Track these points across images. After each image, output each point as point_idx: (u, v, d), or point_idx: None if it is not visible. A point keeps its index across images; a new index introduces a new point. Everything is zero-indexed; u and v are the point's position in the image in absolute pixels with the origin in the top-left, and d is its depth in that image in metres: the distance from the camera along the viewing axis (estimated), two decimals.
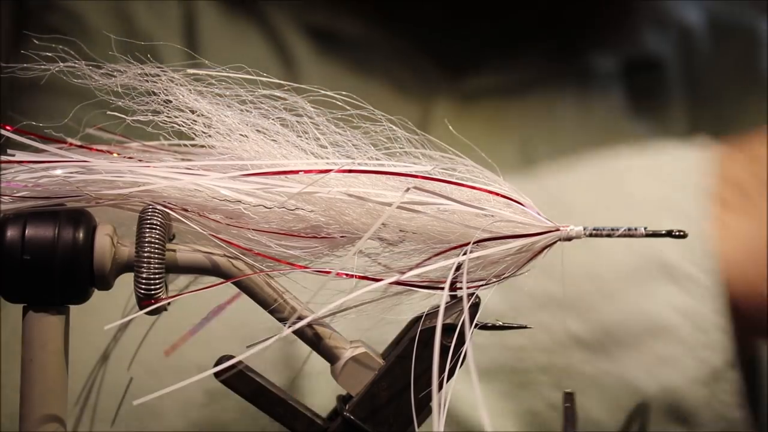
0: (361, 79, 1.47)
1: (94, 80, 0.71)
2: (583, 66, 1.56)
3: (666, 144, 1.21)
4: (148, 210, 0.68)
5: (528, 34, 1.52)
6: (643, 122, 1.56)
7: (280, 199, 0.69)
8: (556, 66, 1.54)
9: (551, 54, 1.53)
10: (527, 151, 1.48)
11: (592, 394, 1.07)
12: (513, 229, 0.70)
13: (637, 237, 0.72)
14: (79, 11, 1.43)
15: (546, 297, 1.07)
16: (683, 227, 0.73)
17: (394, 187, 0.70)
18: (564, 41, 1.55)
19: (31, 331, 0.68)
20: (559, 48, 1.54)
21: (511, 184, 0.72)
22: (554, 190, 1.17)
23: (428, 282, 0.70)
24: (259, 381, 0.70)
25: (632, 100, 1.57)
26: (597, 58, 1.56)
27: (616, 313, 1.07)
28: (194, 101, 0.71)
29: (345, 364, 0.70)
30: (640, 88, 1.57)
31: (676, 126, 1.57)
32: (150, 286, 0.67)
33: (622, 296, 1.07)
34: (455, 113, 1.47)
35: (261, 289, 0.69)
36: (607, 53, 1.56)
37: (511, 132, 1.49)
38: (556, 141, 1.50)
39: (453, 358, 0.69)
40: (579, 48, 1.56)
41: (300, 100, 0.72)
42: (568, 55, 1.55)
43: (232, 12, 1.48)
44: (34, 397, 0.68)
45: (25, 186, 0.69)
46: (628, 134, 1.53)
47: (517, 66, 1.51)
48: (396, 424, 0.70)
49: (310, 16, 1.49)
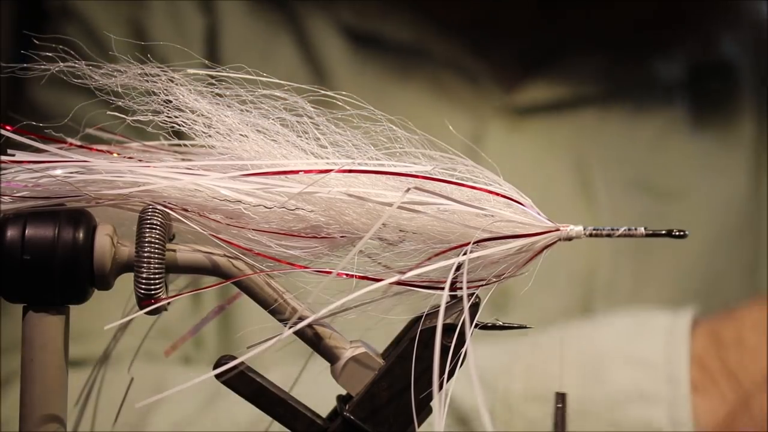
0: (406, 89, 1.43)
1: (94, 80, 0.71)
2: (644, 75, 1.51)
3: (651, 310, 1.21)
4: (148, 210, 0.68)
5: (583, 42, 1.47)
6: (707, 136, 1.51)
7: (280, 199, 0.69)
8: (613, 76, 1.49)
9: (608, 63, 1.48)
10: (582, 170, 1.46)
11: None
12: (513, 229, 0.70)
13: (637, 237, 0.72)
14: (95, 23, 1.42)
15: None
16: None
17: (394, 187, 0.70)
18: (623, 49, 1.49)
19: (31, 331, 0.68)
20: (617, 56, 1.48)
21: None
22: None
23: (428, 282, 0.70)
24: (259, 381, 0.70)
25: (697, 110, 1.52)
26: (660, 65, 1.51)
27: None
28: (194, 101, 0.71)
29: (345, 364, 0.70)
30: (708, 96, 1.52)
31: (741, 142, 1.52)
32: (150, 286, 0.67)
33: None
34: (508, 128, 1.44)
35: (261, 289, 0.69)
36: (673, 59, 1.51)
37: (564, 149, 1.46)
38: (611, 159, 1.47)
39: (453, 358, 0.69)
40: (640, 55, 1.50)
41: (300, 100, 0.72)
42: (627, 64, 1.49)
43: (259, 20, 1.45)
44: (34, 397, 0.68)
45: (25, 186, 0.69)
46: (689, 151, 1.50)
47: (568, 78, 1.47)
48: (396, 424, 0.70)
49: (349, 17, 1.44)
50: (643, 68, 1.51)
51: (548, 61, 1.47)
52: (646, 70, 1.51)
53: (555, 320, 1.36)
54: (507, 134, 1.44)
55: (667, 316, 1.19)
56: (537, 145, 1.46)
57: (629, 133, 1.49)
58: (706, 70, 1.53)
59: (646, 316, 1.20)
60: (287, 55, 1.44)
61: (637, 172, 1.49)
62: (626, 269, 1.45)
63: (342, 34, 1.44)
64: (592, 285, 1.43)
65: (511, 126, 1.45)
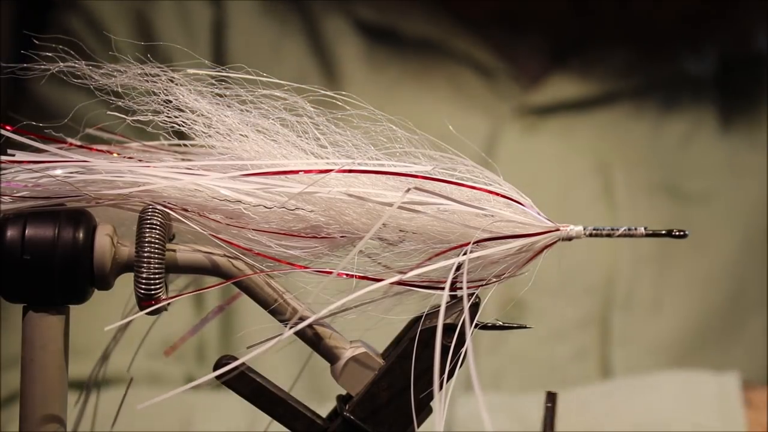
0: (422, 87, 1.40)
1: (94, 80, 0.71)
2: (675, 70, 1.46)
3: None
4: (148, 210, 0.68)
5: (607, 37, 1.42)
6: (736, 135, 1.47)
7: (280, 199, 0.69)
8: (643, 70, 1.44)
9: (638, 56, 1.44)
10: (604, 172, 1.42)
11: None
12: (513, 229, 0.70)
13: (637, 237, 0.72)
14: (100, 16, 1.40)
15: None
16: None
17: (394, 187, 0.70)
18: (654, 42, 1.44)
19: (31, 331, 0.68)
20: (648, 49, 1.44)
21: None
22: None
23: (428, 282, 0.70)
24: (259, 381, 0.70)
25: (727, 107, 1.47)
26: (692, 59, 1.46)
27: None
28: (194, 101, 0.71)
29: (345, 364, 0.70)
30: (739, 92, 1.48)
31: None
32: (150, 286, 0.67)
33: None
34: (526, 127, 1.41)
35: (261, 289, 0.69)
36: (705, 52, 1.46)
37: (586, 151, 1.43)
38: (636, 160, 1.43)
39: (453, 358, 0.69)
40: (672, 48, 1.45)
41: (300, 100, 0.72)
42: (658, 58, 1.45)
43: (270, 14, 1.42)
44: (34, 397, 0.68)
45: (25, 186, 0.69)
46: (717, 152, 1.46)
47: (594, 74, 1.43)
48: (396, 424, 0.70)
49: (366, 12, 1.41)
50: (674, 62, 1.46)
51: (575, 54, 1.43)
52: (678, 65, 1.46)
53: (570, 332, 1.35)
54: (525, 134, 1.41)
55: (716, 381, 1.17)
56: (556, 147, 1.42)
57: (656, 132, 1.45)
58: (739, 63, 1.49)
59: (693, 380, 1.18)
60: (297, 51, 1.41)
61: (662, 174, 1.45)
62: (646, 278, 1.41)
63: (357, 30, 1.42)
64: (611, 294, 1.39)
65: (530, 126, 1.41)
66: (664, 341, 1.40)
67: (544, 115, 1.43)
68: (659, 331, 1.41)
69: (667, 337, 1.41)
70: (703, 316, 1.42)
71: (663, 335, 1.41)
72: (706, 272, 1.44)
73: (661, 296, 1.42)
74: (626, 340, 1.38)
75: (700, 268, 1.44)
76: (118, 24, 1.39)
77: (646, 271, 1.41)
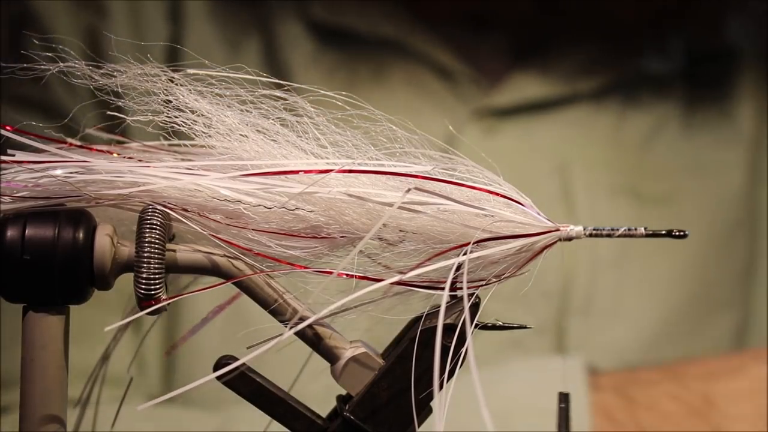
0: (379, 89, 1.39)
1: (94, 80, 0.71)
2: (640, 65, 1.45)
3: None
4: (148, 210, 0.68)
5: (569, 36, 1.41)
6: (701, 132, 1.45)
7: (280, 199, 0.69)
8: (606, 68, 1.42)
9: (602, 53, 1.42)
10: (563, 175, 1.41)
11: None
12: (513, 229, 0.70)
13: (637, 237, 0.72)
14: (53, 29, 1.36)
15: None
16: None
17: (394, 187, 0.70)
18: (613, 41, 1.42)
19: (31, 331, 0.68)
20: (607, 50, 1.42)
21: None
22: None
23: (428, 282, 0.70)
24: (259, 381, 0.70)
25: (692, 104, 1.46)
26: (657, 53, 1.44)
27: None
28: (194, 101, 0.71)
29: (345, 364, 0.70)
30: (705, 87, 1.46)
31: (738, 138, 1.46)
32: (150, 287, 0.67)
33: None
34: (484, 129, 1.40)
35: (261, 289, 0.69)
36: (671, 47, 1.45)
37: (545, 153, 1.41)
38: (597, 162, 1.41)
39: (453, 359, 0.69)
40: (637, 44, 1.43)
41: (300, 100, 0.72)
42: (622, 54, 1.42)
43: (225, 22, 1.40)
44: (34, 397, 0.68)
45: (25, 186, 0.69)
46: (681, 151, 1.44)
47: (556, 74, 1.41)
48: (396, 424, 0.70)
49: (320, 12, 1.39)
50: (638, 60, 1.45)
51: (537, 54, 1.42)
52: (641, 63, 1.45)
53: (525, 341, 1.34)
54: (484, 136, 1.40)
55: (561, 365, 1.18)
56: (516, 148, 1.41)
57: (618, 133, 1.43)
58: (705, 57, 1.47)
59: (540, 366, 1.19)
60: (252, 59, 1.39)
61: (623, 175, 1.43)
62: (606, 282, 1.39)
63: (310, 32, 1.40)
64: (568, 299, 1.39)
65: (488, 127, 1.41)
66: (622, 346, 1.39)
67: (504, 116, 1.42)
68: (617, 337, 1.40)
69: (625, 341, 1.40)
70: (664, 320, 1.41)
71: (621, 340, 1.40)
72: (668, 275, 1.43)
73: (621, 300, 1.41)
74: (583, 345, 1.37)
75: (662, 271, 1.43)
76: (70, 36, 1.36)
77: (605, 276, 1.40)
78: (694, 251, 1.44)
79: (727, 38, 1.48)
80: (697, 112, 1.47)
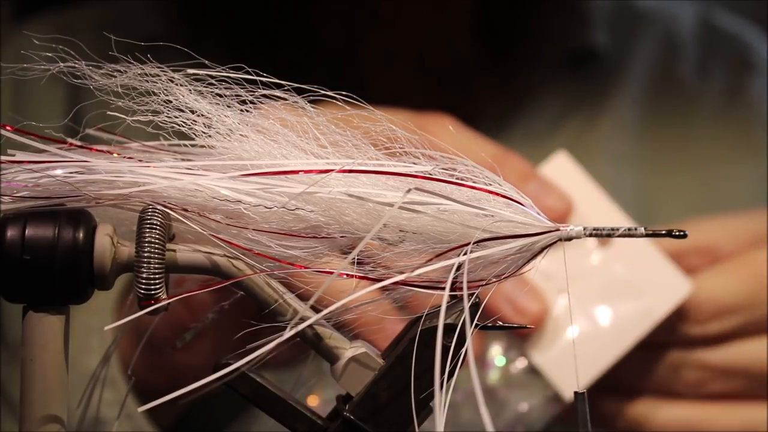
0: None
1: (94, 80, 0.71)
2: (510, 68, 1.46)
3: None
4: (148, 210, 0.68)
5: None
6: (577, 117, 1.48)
7: (280, 199, 0.69)
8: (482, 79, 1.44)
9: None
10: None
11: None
12: (513, 229, 0.70)
13: (637, 237, 0.72)
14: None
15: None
16: None
17: (394, 187, 0.70)
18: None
19: (31, 331, 0.68)
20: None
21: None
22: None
23: (428, 282, 0.70)
24: (259, 381, 0.70)
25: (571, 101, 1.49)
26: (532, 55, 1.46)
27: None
28: (194, 101, 0.71)
29: (345, 364, 0.70)
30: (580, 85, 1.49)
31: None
32: (150, 286, 0.67)
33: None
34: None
35: (261, 289, 0.69)
36: (546, 48, 1.47)
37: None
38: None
39: (453, 359, 0.69)
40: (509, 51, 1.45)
41: (300, 100, 0.72)
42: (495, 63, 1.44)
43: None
44: (34, 397, 0.68)
45: (25, 186, 0.69)
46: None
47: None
48: (396, 424, 0.70)
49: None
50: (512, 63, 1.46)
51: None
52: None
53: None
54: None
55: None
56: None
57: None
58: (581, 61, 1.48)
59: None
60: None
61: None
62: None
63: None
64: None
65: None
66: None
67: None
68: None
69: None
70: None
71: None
72: None
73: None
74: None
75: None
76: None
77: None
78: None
79: (596, 41, 1.51)
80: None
